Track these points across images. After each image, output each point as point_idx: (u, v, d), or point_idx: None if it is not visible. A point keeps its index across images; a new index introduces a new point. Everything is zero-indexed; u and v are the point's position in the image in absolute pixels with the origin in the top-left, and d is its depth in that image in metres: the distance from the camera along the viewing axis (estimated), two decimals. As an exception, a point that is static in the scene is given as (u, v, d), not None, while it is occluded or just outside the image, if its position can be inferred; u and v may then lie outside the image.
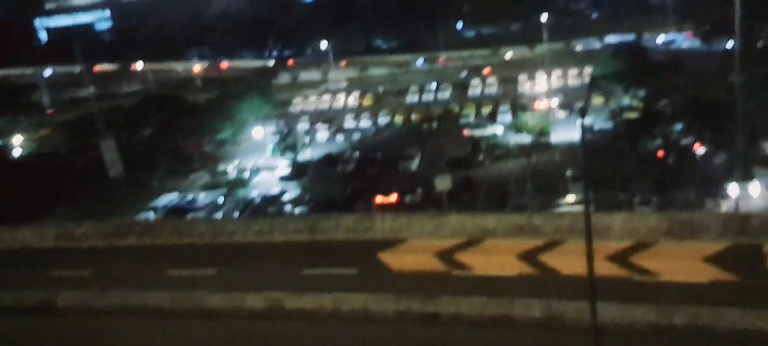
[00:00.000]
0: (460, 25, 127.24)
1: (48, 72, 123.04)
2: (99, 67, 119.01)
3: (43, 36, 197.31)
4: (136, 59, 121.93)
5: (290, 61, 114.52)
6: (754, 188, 41.48)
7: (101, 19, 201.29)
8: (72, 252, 43.08)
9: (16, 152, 76.41)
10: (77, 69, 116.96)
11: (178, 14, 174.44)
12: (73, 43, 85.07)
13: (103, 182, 50.79)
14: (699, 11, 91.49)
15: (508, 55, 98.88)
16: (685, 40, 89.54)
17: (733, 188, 38.46)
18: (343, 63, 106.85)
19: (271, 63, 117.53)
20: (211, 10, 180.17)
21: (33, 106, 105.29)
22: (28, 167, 63.66)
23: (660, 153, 47.75)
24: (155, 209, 54.36)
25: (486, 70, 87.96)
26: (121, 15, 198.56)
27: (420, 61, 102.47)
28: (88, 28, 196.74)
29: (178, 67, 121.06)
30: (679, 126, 48.06)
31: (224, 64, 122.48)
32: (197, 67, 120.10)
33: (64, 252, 43.45)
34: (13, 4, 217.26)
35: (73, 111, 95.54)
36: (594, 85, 69.16)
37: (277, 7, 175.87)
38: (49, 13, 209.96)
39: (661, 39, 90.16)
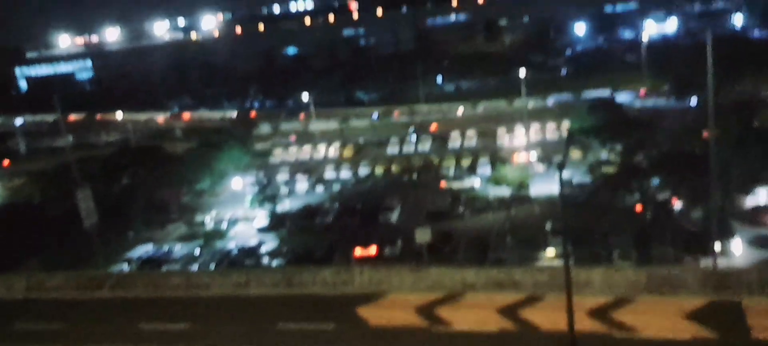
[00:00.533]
0: (439, 79, 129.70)
1: (20, 121, 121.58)
2: (78, 117, 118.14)
3: (24, 84, 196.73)
4: (115, 109, 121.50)
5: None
6: (736, 244, 41.82)
7: (82, 69, 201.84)
8: (42, 304, 41.86)
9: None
10: (55, 118, 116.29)
11: (159, 65, 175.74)
12: (52, 92, 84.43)
13: (77, 232, 49.60)
14: (672, 68, 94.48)
15: (480, 108, 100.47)
16: (637, 100, 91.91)
17: (712, 244, 38.85)
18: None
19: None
20: (194, 61, 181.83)
21: (8, 154, 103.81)
22: (2, 216, 62.19)
23: (638, 207, 48.14)
24: (129, 261, 53.16)
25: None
26: (103, 65, 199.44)
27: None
28: (68, 77, 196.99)
29: (158, 117, 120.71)
30: (656, 181, 48.67)
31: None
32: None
33: (34, 304, 42.19)
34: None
35: (50, 160, 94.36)
36: (571, 139, 70.18)
37: (260, 59, 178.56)
38: (30, 62, 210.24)
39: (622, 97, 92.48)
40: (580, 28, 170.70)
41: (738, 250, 41.67)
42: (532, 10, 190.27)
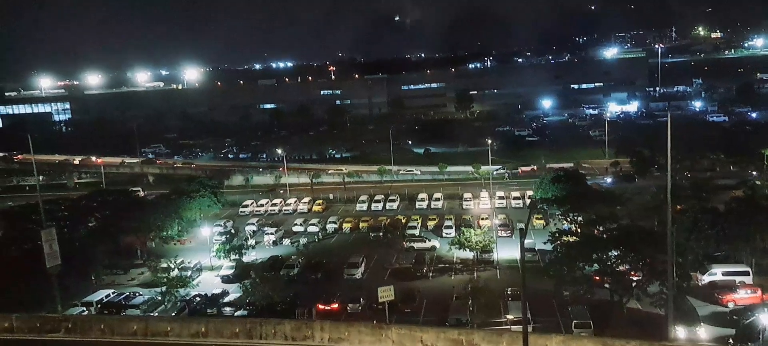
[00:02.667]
0: (410, 142, 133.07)
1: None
2: (52, 157, 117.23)
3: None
4: (90, 152, 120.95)
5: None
6: (701, 332, 43.00)
7: (60, 111, 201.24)
8: (-8, 345, 40.99)
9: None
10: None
11: (138, 112, 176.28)
12: (28, 132, 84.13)
13: (38, 273, 48.97)
14: (633, 146, 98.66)
15: (448, 172, 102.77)
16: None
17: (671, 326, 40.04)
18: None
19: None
20: (172, 111, 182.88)
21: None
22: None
23: (596, 278, 49.52)
24: (89, 304, 52.42)
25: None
26: (81, 108, 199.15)
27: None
28: (46, 117, 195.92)
29: (132, 162, 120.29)
30: (614, 252, 50.29)
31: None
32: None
33: (-18, 345, 41.29)
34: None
35: (18, 199, 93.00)
36: (535, 208, 72.15)
37: (238, 112, 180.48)
38: (8, 102, 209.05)
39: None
40: (546, 103, 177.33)
41: (703, 336, 42.70)
42: (501, 84, 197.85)
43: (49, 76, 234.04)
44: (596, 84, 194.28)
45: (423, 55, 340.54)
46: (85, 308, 51.89)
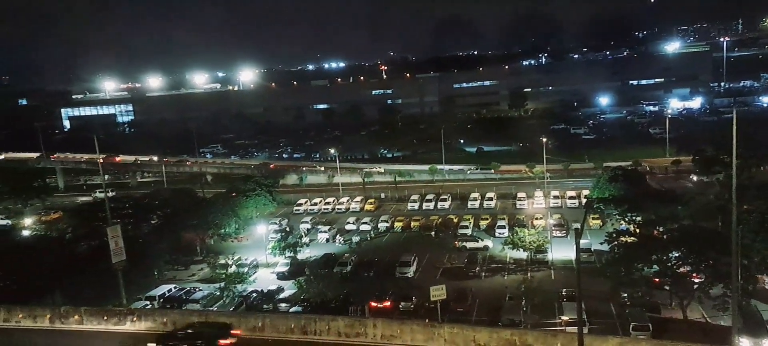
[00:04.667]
0: (462, 141, 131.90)
1: (63, 158, 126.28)
2: (118, 158, 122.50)
3: (67, 124, 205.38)
4: (152, 152, 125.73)
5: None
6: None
7: (124, 112, 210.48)
8: (64, 335, 43.40)
9: (25, 233, 77.54)
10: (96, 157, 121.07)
11: (196, 113, 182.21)
12: (93, 133, 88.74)
13: (104, 268, 51.41)
14: (695, 144, 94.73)
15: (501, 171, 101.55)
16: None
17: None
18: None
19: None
20: (228, 111, 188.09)
21: (47, 189, 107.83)
22: (33, 249, 64.37)
23: (655, 280, 48.00)
24: (152, 299, 54.58)
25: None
26: (143, 109, 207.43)
27: None
28: (110, 119, 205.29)
29: (191, 162, 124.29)
30: (675, 254, 48.57)
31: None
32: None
33: (57, 334, 43.79)
34: (43, 93, 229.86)
35: (86, 197, 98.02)
36: (591, 207, 70.45)
37: (292, 113, 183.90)
38: (76, 104, 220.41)
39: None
40: (604, 100, 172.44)
41: None
42: (556, 81, 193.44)
43: (114, 79, 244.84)
44: (657, 80, 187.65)
45: (475, 52, 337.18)
46: (148, 302, 53.97)
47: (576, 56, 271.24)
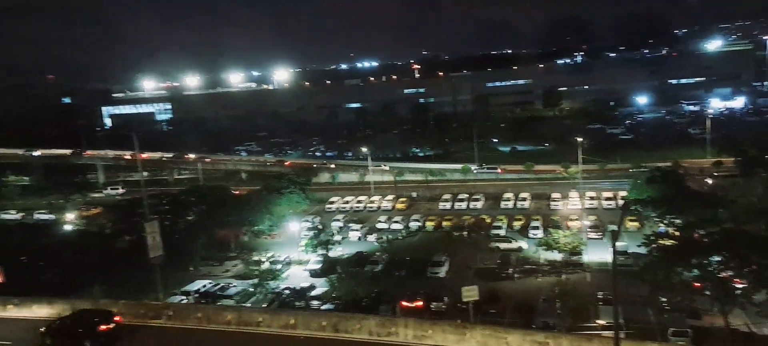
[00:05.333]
0: (495, 140, 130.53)
1: (104, 155, 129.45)
2: (154, 154, 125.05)
3: (108, 122, 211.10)
4: (188, 149, 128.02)
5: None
6: None
7: (162, 111, 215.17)
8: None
9: (67, 228, 79.89)
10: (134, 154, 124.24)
11: (231, 112, 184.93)
12: (133, 131, 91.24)
13: (142, 262, 52.60)
14: (738, 145, 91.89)
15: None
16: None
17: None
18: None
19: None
20: (263, 110, 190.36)
21: (88, 185, 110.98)
22: (74, 243, 66.38)
23: (696, 285, 46.70)
24: (187, 293, 55.60)
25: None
26: (180, 108, 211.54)
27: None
28: (149, 117, 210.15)
29: (226, 159, 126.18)
30: (716, 258, 47.13)
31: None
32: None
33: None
34: (86, 91, 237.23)
35: (124, 193, 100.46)
36: (628, 209, 68.96)
37: (325, 112, 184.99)
38: (116, 102, 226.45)
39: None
40: (641, 100, 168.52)
41: None
42: (592, 80, 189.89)
43: (153, 79, 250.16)
44: (697, 79, 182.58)
45: (509, 51, 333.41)
46: (184, 297, 54.99)
47: (612, 55, 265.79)
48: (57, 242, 66.78)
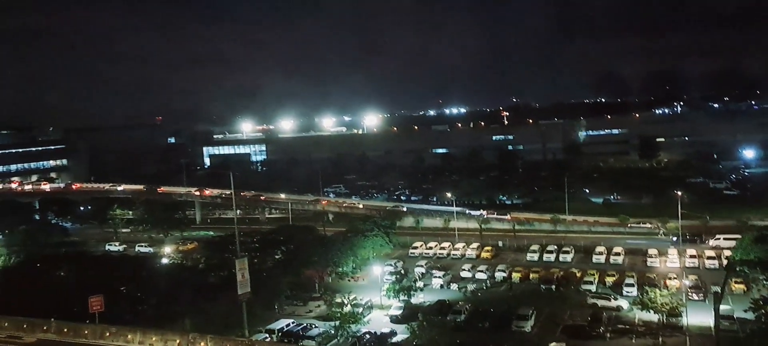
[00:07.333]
0: (587, 191, 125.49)
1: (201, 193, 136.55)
2: (247, 193, 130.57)
3: (207, 161, 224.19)
4: (280, 190, 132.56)
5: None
6: None
7: (257, 152, 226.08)
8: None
9: (164, 261, 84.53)
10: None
11: (323, 154, 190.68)
12: (229, 170, 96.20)
13: (230, 298, 54.48)
14: None
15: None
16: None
17: None
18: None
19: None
20: (352, 154, 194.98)
21: (186, 222, 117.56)
22: (170, 276, 70.01)
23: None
24: (271, 332, 56.76)
25: None
26: (274, 149, 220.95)
27: None
28: (245, 157, 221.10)
29: (314, 200, 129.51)
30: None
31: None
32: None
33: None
34: (189, 132, 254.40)
35: (219, 230, 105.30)
36: (733, 270, 63.85)
37: (412, 156, 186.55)
38: (216, 143, 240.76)
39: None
40: (748, 153, 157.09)
41: None
42: (694, 131, 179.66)
43: (251, 121, 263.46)
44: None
45: (603, 99, 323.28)
46: (268, 335, 56.06)
47: (716, 105, 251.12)
48: (154, 275, 70.58)
